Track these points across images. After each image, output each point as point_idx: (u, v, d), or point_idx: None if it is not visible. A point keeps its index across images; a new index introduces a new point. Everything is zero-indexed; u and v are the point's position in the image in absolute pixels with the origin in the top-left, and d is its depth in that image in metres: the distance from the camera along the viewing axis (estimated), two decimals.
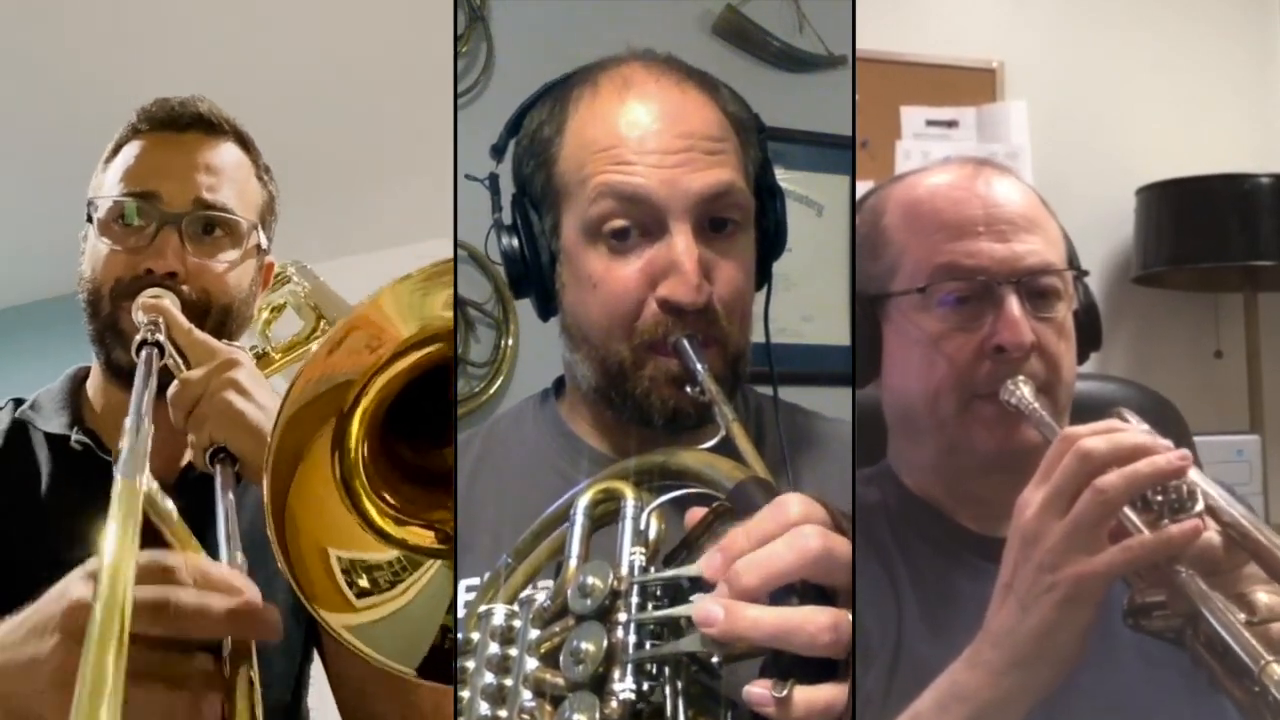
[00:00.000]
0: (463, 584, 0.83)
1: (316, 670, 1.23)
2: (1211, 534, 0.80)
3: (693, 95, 0.93)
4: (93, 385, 1.25)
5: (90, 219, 1.20)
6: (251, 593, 0.70)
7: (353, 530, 0.79)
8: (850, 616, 0.61)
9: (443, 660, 0.77)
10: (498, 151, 1.00)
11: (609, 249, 0.90)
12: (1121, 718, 0.93)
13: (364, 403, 0.78)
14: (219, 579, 0.70)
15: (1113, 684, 0.92)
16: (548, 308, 0.97)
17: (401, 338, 0.76)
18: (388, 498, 0.81)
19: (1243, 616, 0.77)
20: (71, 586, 0.68)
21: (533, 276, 0.95)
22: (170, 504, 0.84)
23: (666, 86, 0.93)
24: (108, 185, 1.20)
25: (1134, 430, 0.83)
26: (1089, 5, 3.16)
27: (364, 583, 0.78)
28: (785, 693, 0.60)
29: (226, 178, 1.21)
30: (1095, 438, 0.80)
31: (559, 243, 0.94)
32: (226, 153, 1.22)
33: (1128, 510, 0.80)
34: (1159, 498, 0.81)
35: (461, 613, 0.79)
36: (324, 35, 2.78)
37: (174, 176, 1.18)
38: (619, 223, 0.89)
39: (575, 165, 0.92)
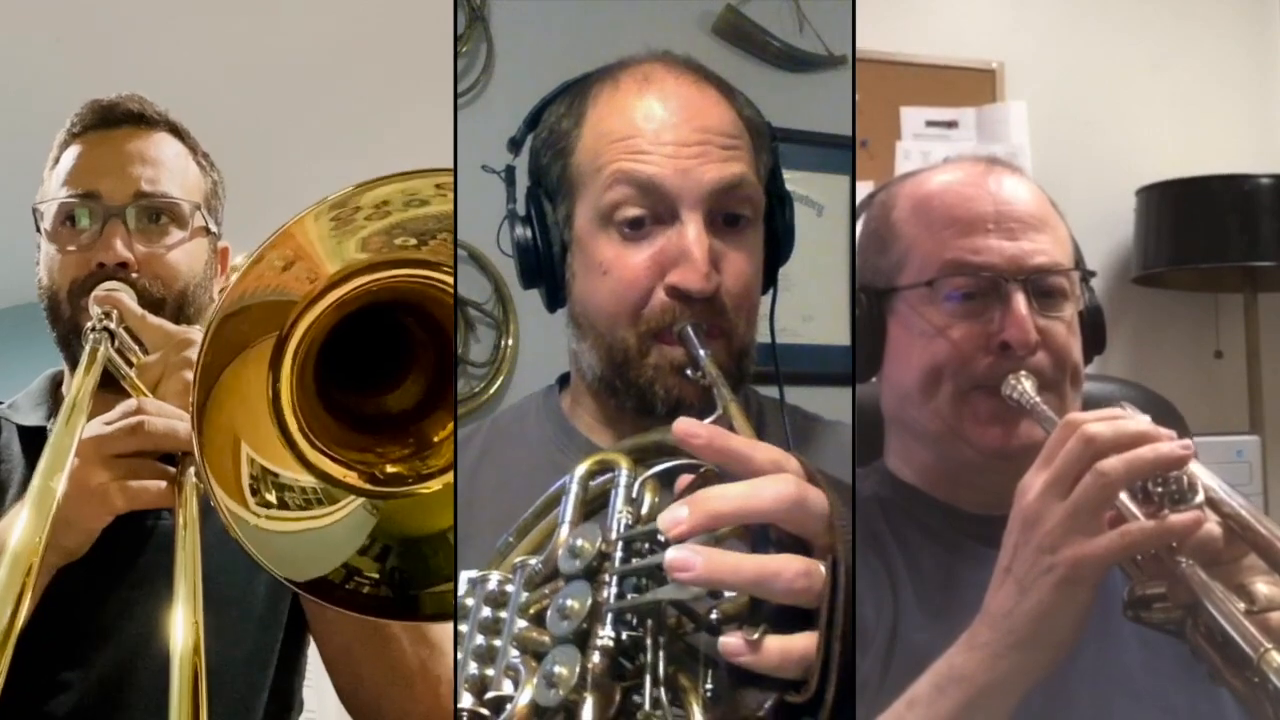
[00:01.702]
0: (463, 575, 0.84)
1: (315, 671, 1.23)
2: (1212, 525, 0.80)
3: (710, 94, 0.95)
4: (66, 387, 1.27)
5: (38, 228, 1.22)
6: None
7: (272, 440, 0.83)
8: (821, 566, 0.61)
9: (341, 596, 0.81)
10: (515, 144, 1.00)
11: (621, 236, 0.91)
12: (1121, 700, 0.93)
13: (299, 330, 0.82)
14: (174, 413, 0.96)
15: (1112, 667, 0.93)
16: (557, 298, 0.98)
17: (329, 274, 0.81)
18: (312, 424, 0.85)
19: (1242, 606, 0.77)
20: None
21: (544, 267, 0.96)
22: (123, 363, 1.04)
23: (685, 84, 0.94)
24: (51, 192, 1.23)
25: (1137, 418, 0.83)
26: (1089, 5, 3.16)
27: (270, 497, 0.81)
28: (757, 636, 0.60)
29: (164, 167, 1.22)
30: (1099, 423, 0.80)
31: (571, 232, 0.95)
32: (162, 143, 1.24)
33: (1127, 500, 0.80)
34: (1159, 489, 0.81)
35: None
36: (324, 35, 2.78)
37: (112, 172, 1.20)
38: (632, 211, 0.90)
39: (591, 155, 0.93)
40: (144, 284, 1.17)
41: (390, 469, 0.87)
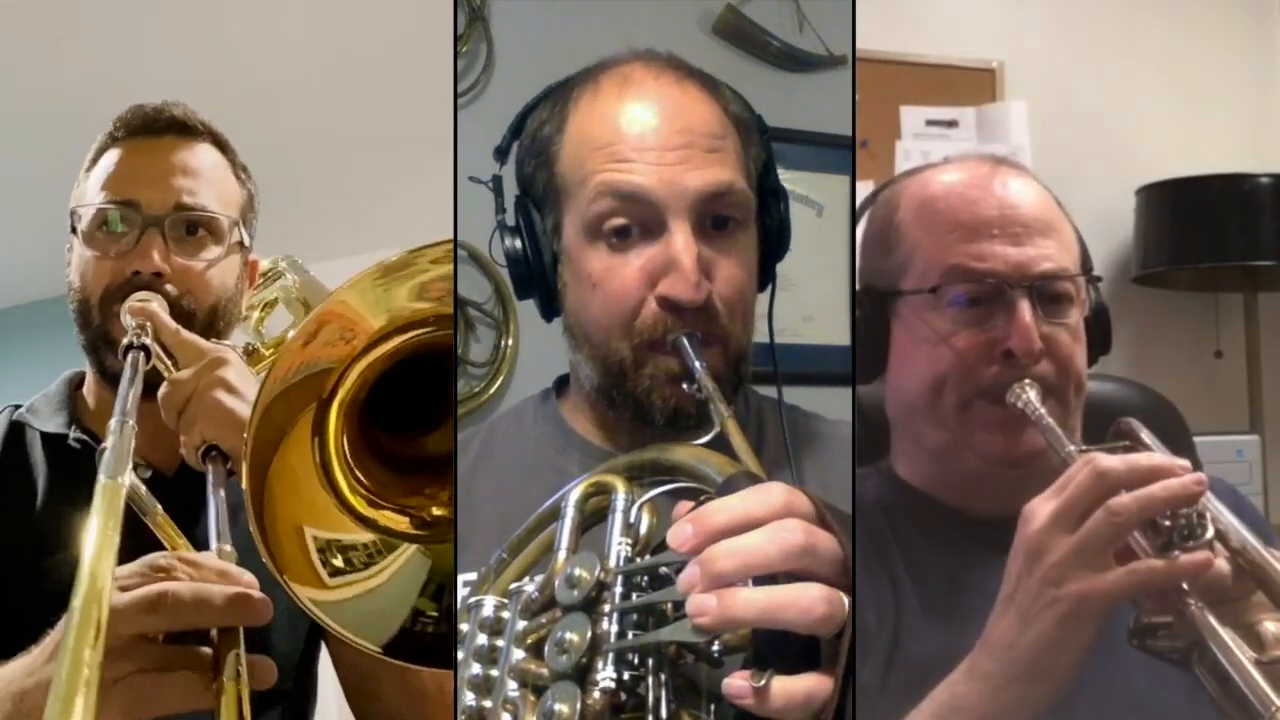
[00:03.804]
0: (460, 579, 0.84)
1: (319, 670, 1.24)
2: (1221, 562, 0.79)
3: (693, 92, 0.93)
4: (88, 389, 1.26)
5: (74, 229, 1.21)
6: (246, 579, 0.76)
7: (330, 511, 0.81)
8: (843, 595, 0.60)
9: (412, 641, 0.79)
10: (501, 153, 1.00)
11: (609, 248, 0.90)
12: (1122, 708, 0.92)
13: (342, 391, 0.80)
14: (212, 569, 0.76)
15: (1115, 677, 0.92)
16: (550, 308, 0.97)
17: (373, 329, 0.79)
18: (363, 481, 0.83)
19: (1252, 655, 0.76)
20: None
21: (535, 278, 0.95)
22: (156, 503, 0.87)
23: (666, 84, 0.93)
24: (89, 194, 1.21)
25: (1149, 449, 0.82)
26: (1089, 5, 3.16)
27: (338, 562, 0.80)
28: (764, 683, 0.59)
29: (204, 179, 1.21)
30: (1112, 457, 0.79)
31: (561, 243, 0.94)
32: (203, 154, 1.23)
33: (1136, 534, 0.79)
34: (1168, 522, 0.79)
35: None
36: (324, 35, 2.78)
37: (153, 182, 1.19)
38: (618, 221, 0.89)
39: (575, 164, 0.92)
40: (177, 296, 1.16)
41: (437, 511, 0.85)
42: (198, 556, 0.79)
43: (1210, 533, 0.79)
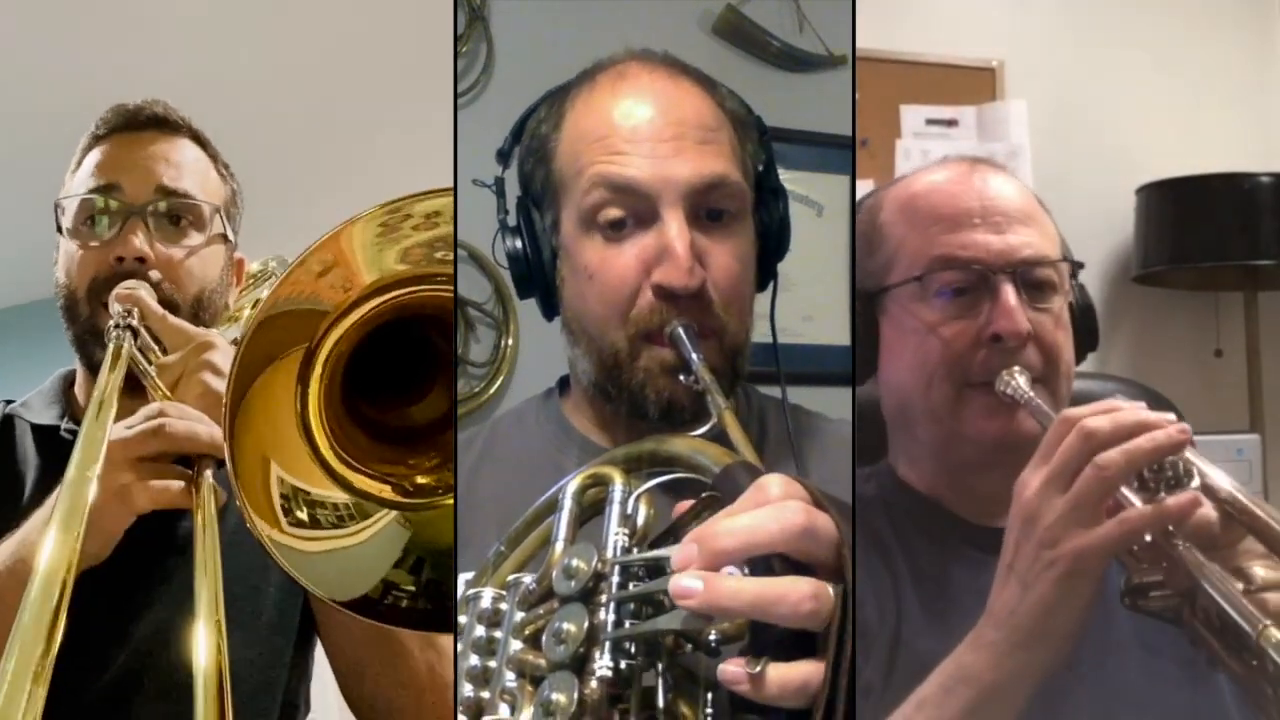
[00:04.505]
0: (461, 577, 0.84)
1: (319, 668, 1.23)
2: (1208, 509, 0.80)
3: (687, 87, 0.94)
4: (79, 386, 1.27)
5: (59, 227, 1.22)
6: (215, 428, 0.95)
7: (304, 460, 0.82)
8: (830, 589, 0.59)
9: (376, 608, 0.80)
10: (503, 156, 1.00)
11: (604, 239, 0.91)
12: (1120, 705, 0.93)
13: (329, 342, 0.81)
14: (195, 415, 0.97)
15: (1111, 672, 0.93)
16: (551, 306, 0.97)
17: (365, 283, 0.81)
18: (340, 439, 0.84)
19: (1240, 586, 0.77)
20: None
21: (535, 276, 0.96)
22: (148, 365, 1.04)
23: (660, 79, 0.94)
24: (73, 191, 1.23)
25: (1133, 408, 0.83)
26: (1089, 5, 3.16)
27: (302, 515, 0.80)
28: (759, 669, 0.59)
29: (186, 169, 1.23)
30: (1098, 417, 0.80)
31: (558, 239, 0.95)
32: (184, 148, 1.25)
33: (1125, 489, 0.80)
34: (1155, 475, 0.81)
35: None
36: (324, 35, 2.78)
37: (134, 171, 1.21)
38: (613, 212, 0.90)
39: (571, 158, 0.93)
40: (161, 285, 1.17)
41: (420, 480, 0.86)
42: (183, 406, 0.98)
43: (1196, 483, 0.81)
